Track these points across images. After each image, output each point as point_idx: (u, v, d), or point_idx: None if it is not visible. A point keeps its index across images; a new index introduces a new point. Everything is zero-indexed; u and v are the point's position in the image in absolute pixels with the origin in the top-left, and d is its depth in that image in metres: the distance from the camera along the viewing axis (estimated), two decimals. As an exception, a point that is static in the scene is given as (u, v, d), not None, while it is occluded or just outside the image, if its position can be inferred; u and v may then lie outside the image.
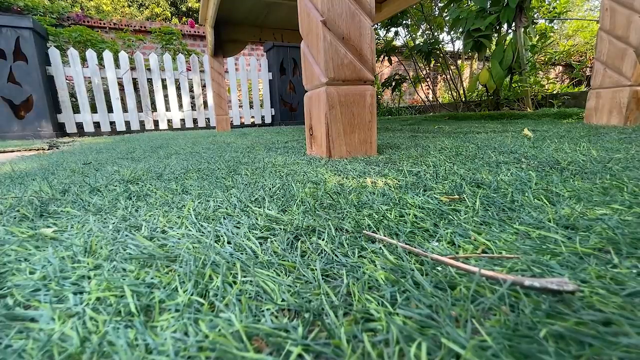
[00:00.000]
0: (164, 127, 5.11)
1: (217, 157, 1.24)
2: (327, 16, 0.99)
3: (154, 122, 5.05)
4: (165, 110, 5.05)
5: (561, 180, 0.59)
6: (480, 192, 0.53)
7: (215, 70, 3.87)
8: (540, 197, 0.49)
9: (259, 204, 0.50)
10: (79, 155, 1.58)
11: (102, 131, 4.68)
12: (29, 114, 4.08)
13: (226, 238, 0.36)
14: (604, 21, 1.58)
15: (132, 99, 4.80)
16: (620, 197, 0.46)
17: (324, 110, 1.04)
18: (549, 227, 0.37)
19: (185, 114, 5.22)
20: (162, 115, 5.03)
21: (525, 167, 0.74)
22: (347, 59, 1.04)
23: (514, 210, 0.44)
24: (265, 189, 0.62)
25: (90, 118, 4.55)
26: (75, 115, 4.46)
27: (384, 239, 0.33)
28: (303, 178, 0.73)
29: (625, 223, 0.36)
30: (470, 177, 0.66)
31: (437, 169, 0.77)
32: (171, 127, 5.21)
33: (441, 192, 0.55)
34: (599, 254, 0.30)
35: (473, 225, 0.39)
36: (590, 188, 0.52)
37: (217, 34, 3.59)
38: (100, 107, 4.58)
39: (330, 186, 0.62)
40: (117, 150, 1.78)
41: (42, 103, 4.13)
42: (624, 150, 0.93)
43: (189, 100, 5.28)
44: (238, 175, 0.80)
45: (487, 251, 0.33)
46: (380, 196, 0.54)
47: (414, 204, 0.47)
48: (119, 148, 1.91)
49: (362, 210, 0.45)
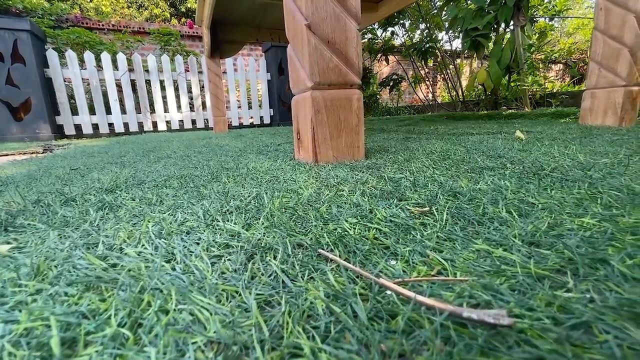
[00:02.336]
0: (163, 128, 5.12)
1: (204, 162, 1.23)
2: (311, 20, 0.98)
3: (153, 123, 5.05)
4: (163, 111, 5.05)
5: (539, 189, 0.58)
6: (454, 203, 0.52)
7: (213, 71, 3.86)
8: (512, 209, 0.48)
9: (226, 217, 0.49)
10: (70, 159, 1.58)
11: (101, 133, 4.69)
12: (27, 116, 4.09)
13: (179, 257, 0.35)
14: (598, 21, 1.56)
15: (131, 101, 4.81)
16: (592, 209, 0.45)
17: (310, 115, 1.03)
18: (512, 244, 0.36)
19: (183, 115, 5.22)
20: (161, 117, 5.03)
21: (508, 174, 0.73)
22: (332, 63, 1.03)
23: (482, 224, 0.43)
24: (239, 199, 0.61)
25: (89, 120, 4.56)
26: (74, 117, 4.47)
27: (336, 259, 0.32)
28: (281, 187, 0.72)
29: (588, 241, 0.35)
30: (449, 185, 0.65)
31: (418, 176, 0.76)
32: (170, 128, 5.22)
33: (415, 203, 0.54)
34: (555, 277, 0.29)
35: (436, 241, 0.38)
36: (566, 199, 0.51)
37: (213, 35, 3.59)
38: (99, 109, 4.59)
39: (305, 196, 0.61)
40: (109, 153, 1.77)
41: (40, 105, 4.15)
42: (613, 154, 0.92)
43: (187, 101, 5.28)
44: (218, 182, 0.80)
45: (443, 272, 0.31)
46: (353, 207, 0.53)
47: (383, 218, 0.46)
48: (112, 151, 1.91)
49: (328, 225, 0.44)
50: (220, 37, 3.66)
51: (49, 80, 4.25)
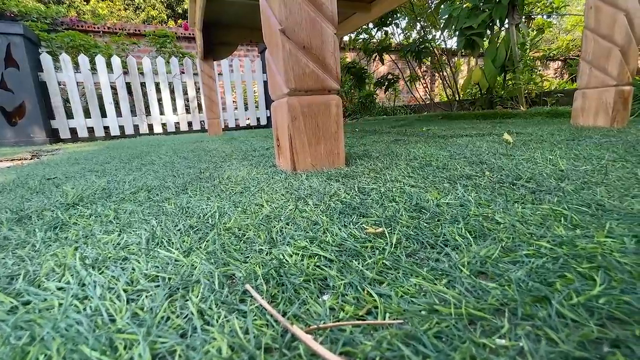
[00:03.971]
0: (159, 131, 5.10)
1: (184, 170, 1.21)
2: (285, 24, 0.96)
3: (149, 126, 5.04)
4: (159, 113, 5.04)
5: (507, 203, 0.55)
6: (414, 221, 0.50)
7: (206, 73, 3.84)
8: (471, 229, 0.45)
9: (171, 240, 0.46)
10: (52, 167, 1.56)
11: (97, 136, 4.68)
12: (21, 120, 4.08)
13: (96, 294, 0.33)
14: (589, 20, 1.53)
15: (126, 103, 4.79)
16: (555, 229, 0.42)
17: (287, 122, 1.00)
18: (457, 275, 0.33)
19: (179, 117, 5.20)
20: (157, 119, 5.01)
21: (483, 184, 0.70)
22: (308, 69, 1.00)
23: (435, 247, 0.41)
24: (196, 216, 0.59)
25: (84, 123, 4.56)
26: (69, 121, 4.46)
27: (257, 298, 0.30)
28: (248, 200, 0.69)
29: (538, 271, 0.33)
30: (417, 198, 0.62)
31: (390, 187, 0.73)
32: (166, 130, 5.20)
33: (375, 220, 0.51)
34: (491, 319, 0.27)
35: (378, 271, 0.35)
36: (531, 216, 0.48)
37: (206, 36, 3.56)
38: (94, 112, 4.58)
39: (265, 212, 0.58)
40: (95, 160, 1.75)
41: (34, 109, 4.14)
42: (597, 158, 0.89)
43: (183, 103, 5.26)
44: (185, 195, 0.77)
45: (373, 312, 0.29)
46: (309, 226, 0.50)
47: (333, 241, 0.43)
48: (99, 158, 1.89)
49: (273, 250, 0.42)
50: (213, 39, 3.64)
51: (44, 84, 4.24)
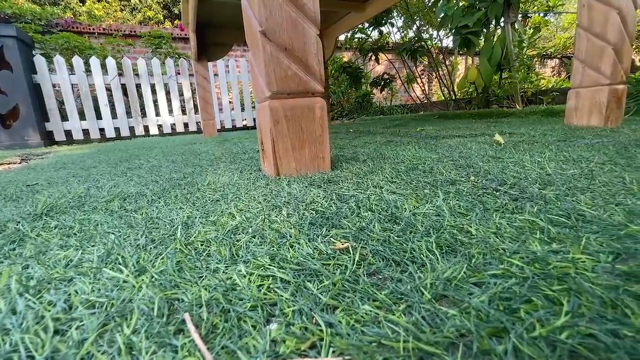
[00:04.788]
0: (155, 132, 5.07)
1: (167, 175, 1.18)
2: (266, 26, 0.93)
3: (145, 127, 5.01)
4: (155, 115, 5.00)
5: (485, 213, 0.52)
6: (385, 234, 0.47)
7: (200, 74, 3.81)
8: (442, 244, 0.42)
9: (126, 257, 0.44)
10: (39, 172, 1.54)
11: (92, 138, 4.65)
12: (15, 123, 4.06)
13: (19, 326, 0.30)
14: (581, 18, 1.50)
15: (121, 105, 4.76)
16: (530, 244, 0.40)
17: (269, 126, 0.98)
18: (416, 300, 0.31)
19: (175, 118, 5.17)
20: (153, 121, 4.99)
21: (465, 190, 0.67)
22: (291, 71, 0.98)
23: (399, 265, 0.38)
24: (162, 228, 0.56)
25: (79, 125, 4.53)
26: (64, 123, 4.43)
27: (191, 330, 0.27)
28: (221, 209, 0.67)
29: (504, 296, 0.30)
30: (394, 206, 0.59)
31: (370, 194, 0.70)
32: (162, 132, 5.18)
33: (346, 233, 0.49)
34: (442, 355, 0.24)
35: (334, 295, 0.33)
36: (507, 228, 0.46)
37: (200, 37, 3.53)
38: (89, 114, 4.55)
39: (234, 224, 0.56)
40: (82, 164, 1.73)
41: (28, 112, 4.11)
42: (586, 161, 0.86)
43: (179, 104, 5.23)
44: (159, 203, 0.75)
45: (318, 345, 0.26)
46: (276, 240, 0.48)
47: (295, 259, 0.41)
48: (87, 161, 1.86)
49: (229, 270, 0.39)
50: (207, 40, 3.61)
51: (38, 86, 4.21)
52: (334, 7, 3.14)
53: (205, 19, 3.24)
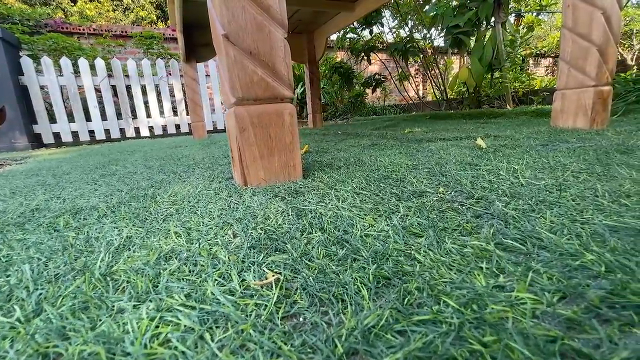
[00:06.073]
0: (146, 134, 5.01)
1: (136, 183, 1.14)
2: (228, 29, 0.88)
3: (135, 129, 4.95)
4: (146, 116, 4.94)
5: (438, 236, 0.48)
6: (322, 262, 0.43)
7: (189, 76, 3.76)
8: (381, 275, 0.38)
9: (30, 293, 0.40)
10: (9, 179, 1.49)
11: (81, 140, 4.59)
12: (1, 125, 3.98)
13: None
14: (566, 19, 1.46)
15: (111, 107, 4.70)
16: (474, 277, 0.36)
17: (235, 134, 0.93)
18: (326, 358, 0.27)
19: (167, 120, 5.11)
20: (143, 122, 4.92)
21: (429, 205, 0.63)
22: (257, 76, 0.93)
23: (323, 304, 0.34)
24: (91, 254, 0.52)
25: (68, 127, 4.46)
26: (52, 125, 4.37)
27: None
28: (168, 227, 0.63)
29: (419, 355, 0.26)
30: (348, 224, 0.55)
31: (330, 209, 0.66)
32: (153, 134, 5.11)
33: (284, 261, 0.45)
34: None
35: (234, 348, 0.29)
36: (457, 254, 0.41)
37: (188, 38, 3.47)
38: (78, 116, 4.49)
39: (168, 249, 0.51)
40: (57, 170, 1.68)
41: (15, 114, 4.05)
42: (562, 169, 0.82)
43: (170, 105, 5.17)
44: (107, 219, 0.70)
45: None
46: (204, 269, 0.44)
47: (210, 296, 0.37)
48: (64, 167, 1.81)
49: (134, 311, 0.35)
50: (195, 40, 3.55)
51: (25, 88, 4.14)
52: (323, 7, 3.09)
53: (192, 20, 3.19)
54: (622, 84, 2.08)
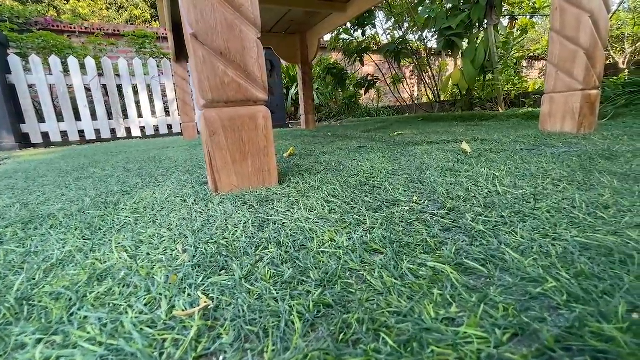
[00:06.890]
0: (137, 134, 4.95)
1: (108, 187, 1.09)
2: (196, 28, 0.84)
3: (126, 129, 4.88)
4: (137, 116, 4.87)
5: (397, 254, 0.44)
6: (266, 285, 0.39)
7: (180, 76, 3.71)
8: (323, 302, 0.34)
9: None
10: (-20, 182, 1.44)
11: (71, 140, 4.51)
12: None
13: None
14: (554, 22, 1.43)
15: (102, 106, 4.63)
16: (424, 308, 0.32)
17: (205, 138, 0.89)
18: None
19: (159, 120, 5.05)
20: (135, 122, 4.86)
21: (397, 218, 0.60)
22: (228, 77, 0.89)
23: (247, 341, 0.30)
24: (23, 273, 0.48)
25: (57, 127, 4.39)
26: (41, 125, 4.29)
27: None
28: (114, 240, 0.58)
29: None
30: (306, 239, 0.51)
31: (295, 220, 0.62)
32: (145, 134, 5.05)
33: (224, 283, 0.41)
34: None
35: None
36: (412, 278, 0.38)
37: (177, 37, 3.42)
38: (67, 116, 4.42)
39: (105, 267, 0.47)
40: (32, 173, 1.63)
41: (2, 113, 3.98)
42: (544, 177, 0.79)
43: (162, 105, 5.11)
44: (58, 229, 0.66)
45: None
46: (139, 290, 0.40)
47: (127, 330, 0.33)
48: (41, 170, 1.76)
49: (36, 347, 0.31)
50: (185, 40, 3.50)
51: (12, 86, 4.07)
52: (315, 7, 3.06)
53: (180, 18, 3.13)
54: (611, 88, 2.06)
